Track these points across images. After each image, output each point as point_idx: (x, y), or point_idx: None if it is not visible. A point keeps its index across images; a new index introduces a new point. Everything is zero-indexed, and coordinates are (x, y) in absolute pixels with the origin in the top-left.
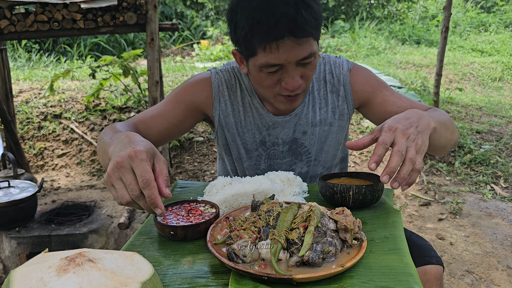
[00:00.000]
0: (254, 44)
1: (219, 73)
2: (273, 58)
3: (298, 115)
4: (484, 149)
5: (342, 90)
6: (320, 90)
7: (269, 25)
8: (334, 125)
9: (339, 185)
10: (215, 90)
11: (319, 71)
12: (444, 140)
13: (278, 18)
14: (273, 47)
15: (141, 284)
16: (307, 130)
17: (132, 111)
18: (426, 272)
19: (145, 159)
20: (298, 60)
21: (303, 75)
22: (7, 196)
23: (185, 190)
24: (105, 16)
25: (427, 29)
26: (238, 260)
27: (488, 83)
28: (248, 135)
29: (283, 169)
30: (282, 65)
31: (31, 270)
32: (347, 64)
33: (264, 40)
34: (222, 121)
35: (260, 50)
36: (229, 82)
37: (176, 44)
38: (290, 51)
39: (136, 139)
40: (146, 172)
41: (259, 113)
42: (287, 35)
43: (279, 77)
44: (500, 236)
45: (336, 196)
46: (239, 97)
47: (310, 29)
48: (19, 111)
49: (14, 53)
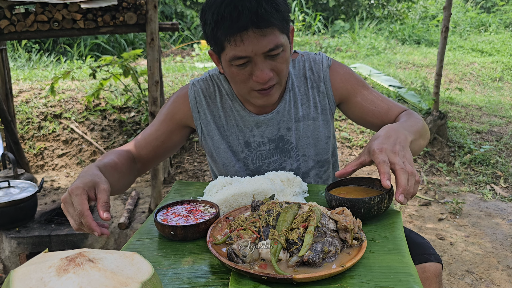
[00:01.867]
0: (220, 38)
1: (196, 84)
2: (239, 50)
3: (280, 112)
4: (484, 149)
5: (323, 86)
6: (300, 87)
7: (232, 18)
8: (318, 120)
9: (352, 199)
10: (192, 103)
11: (298, 68)
12: (418, 148)
13: (240, 11)
14: (237, 39)
15: (141, 284)
16: (291, 126)
17: (132, 111)
18: (425, 270)
19: (80, 194)
20: (264, 52)
21: (274, 68)
22: (7, 196)
23: (185, 190)
24: (105, 16)
25: (427, 29)
26: (238, 260)
27: (488, 83)
28: (232, 138)
29: (272, 168)
30: (250, 57)
31: (31, 270)
32: (326, 60)
33: (229, 33)
34: (204, 130)
35: (227, 43)
36: (207, 91)
37: (176, 44)
38: (255, 42)
39: (83, 175)
40: (79, 205)
41: (241, 115)
42: (250, 26)
43: (250, 71)
44: (500, 236)
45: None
46: (218, 103)
47: (272, 19)
48: (19, 111)
49: (14, 53)
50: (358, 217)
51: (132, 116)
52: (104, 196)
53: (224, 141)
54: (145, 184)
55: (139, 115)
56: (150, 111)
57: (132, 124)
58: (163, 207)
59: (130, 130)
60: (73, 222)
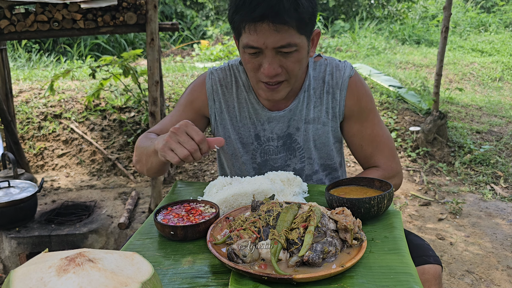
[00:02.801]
0: (238, 24)
1: (213, 72)
2: (252, 40)
3: (292, 110)
4: (484, 149)
5: (338, 93)
6: (316, 89)
7: (251, 6)
8: (328, 125)
9: (352, 199)
10: (209, 91)
11: (319, 71)
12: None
13: (260, 1)
14: (251, 28)
15: (141, 284)
16: (300, 126)
17: (132, 111)
18: (424, 272)
19: (193, 125)
20: (275, 47)
21: (283, 65)
22: (7, 196)
23: (185, 190)
24: (105, 16)
25: (427, 29)
26: (238, 260)
27: (488, 83)
28: (244, 130)
29: (278, 164)
30: (261, 49)
31: (31, 270)
32: (350, 70)
33: (245, 20)
34: (217, 119)
35: (242, 30)
36: (224, 80)
37: (176, 44)
38: (268, 35)
39: (162, 136)
40: (199, 132)
41: (255, 108)
42: (265, 19)
43: (260, 62)
44: (500, 236)
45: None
46: (234, 93)
47: (288, 18)
48: (19, 111)
49: (14, 53)
50: (358, 217)
51: (132, 116)
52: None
53: (235, 132)
54: (145, 184)
55: (139, 115)
56: (150, 111)
57: (132, 124)
58: (163, 207)
59: (130, 130)
60: (183, 150)
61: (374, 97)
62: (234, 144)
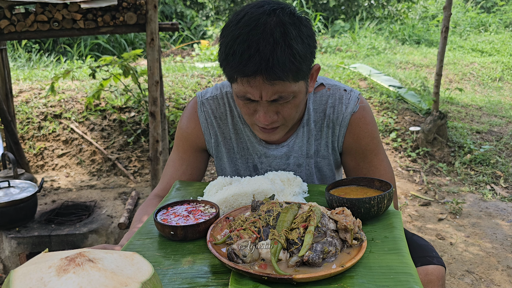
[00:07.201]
0: (230, 72)
1: (205, 103)
2: (245, 91)
3: (291, 146)
4: (484, 149)
5: (338, 129)
6: (317, 122)
7: (242, 59)
8: (329, 158)
9: (352, 200)
10: (203, 126)
11: (320, 102)
12: None
13: (252, 54)
14: (244, 81)
15: (141, 284)
16: (302, 162)
17: (132, 111)
18: (427, 272)
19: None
20: (270, 100)
21: (280, 111)
22: (7, 196)
23: (185, 190)
24: (105, 16)
25: (427, 29)
26: (238, 260)
27: (488, 83)
28: (241, 161)
29: None
30: (255, 100)
31: (31, 270)
32: (354, 105)
33: (236, 73)
34: (213, 152)
35: (235, 80)
36: (218, 111)
37: (176, 44)
38: (262, 89)
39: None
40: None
41: (251, 141)
42: (258, 74)
43: (255, 108)
44: (500, 236)
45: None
46: (230, 124)
47: (281, 73)
48: (19, 111)
49: (14, 53)
50: (358, 217)
51: (132, 116)
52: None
53: (232, 164)
54: (145, 184)
55: (139, 115)
56: (150, 111)
57: (132, 124)
58: (163, 207)
59: (130, 130)
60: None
61: (374, 97)
62: (230, 175)
